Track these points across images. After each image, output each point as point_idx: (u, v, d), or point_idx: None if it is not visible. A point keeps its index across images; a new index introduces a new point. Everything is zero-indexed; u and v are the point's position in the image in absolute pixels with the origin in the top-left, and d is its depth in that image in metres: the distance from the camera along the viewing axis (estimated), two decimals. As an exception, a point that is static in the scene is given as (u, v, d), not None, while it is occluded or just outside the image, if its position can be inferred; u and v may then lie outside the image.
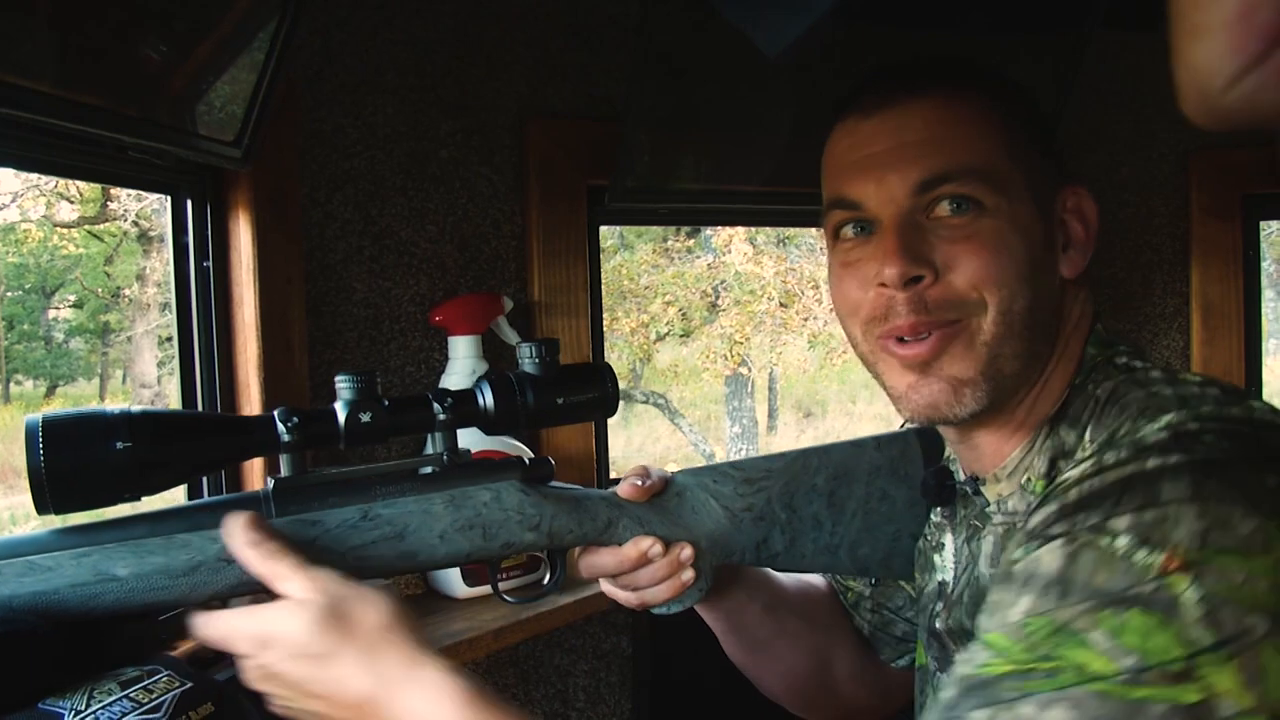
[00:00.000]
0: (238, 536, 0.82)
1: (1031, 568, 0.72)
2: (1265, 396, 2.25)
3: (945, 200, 0.86)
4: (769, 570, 1.17)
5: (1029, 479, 0.91)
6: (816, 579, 1.24)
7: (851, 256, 0.92)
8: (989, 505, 0.96)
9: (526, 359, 0.97)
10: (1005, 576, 0.75)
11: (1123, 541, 0.68)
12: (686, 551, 1.01)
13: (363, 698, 0.78)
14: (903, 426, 1.17)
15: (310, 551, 0.89)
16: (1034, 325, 0.87)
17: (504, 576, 1.04)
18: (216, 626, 0.82)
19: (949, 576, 1.03)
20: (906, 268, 0.85)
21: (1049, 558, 0.71)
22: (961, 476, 1.01)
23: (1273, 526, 0.67)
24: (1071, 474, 0.76)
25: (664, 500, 1.04)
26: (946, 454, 1.09)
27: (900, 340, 0.88)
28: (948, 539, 1.04)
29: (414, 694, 0.77)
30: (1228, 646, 0.64)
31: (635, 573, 1.01)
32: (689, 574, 1.01)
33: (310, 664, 0.79)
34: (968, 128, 0.87)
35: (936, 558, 1.06)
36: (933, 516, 1.07)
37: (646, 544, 1.00)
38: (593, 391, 0.99)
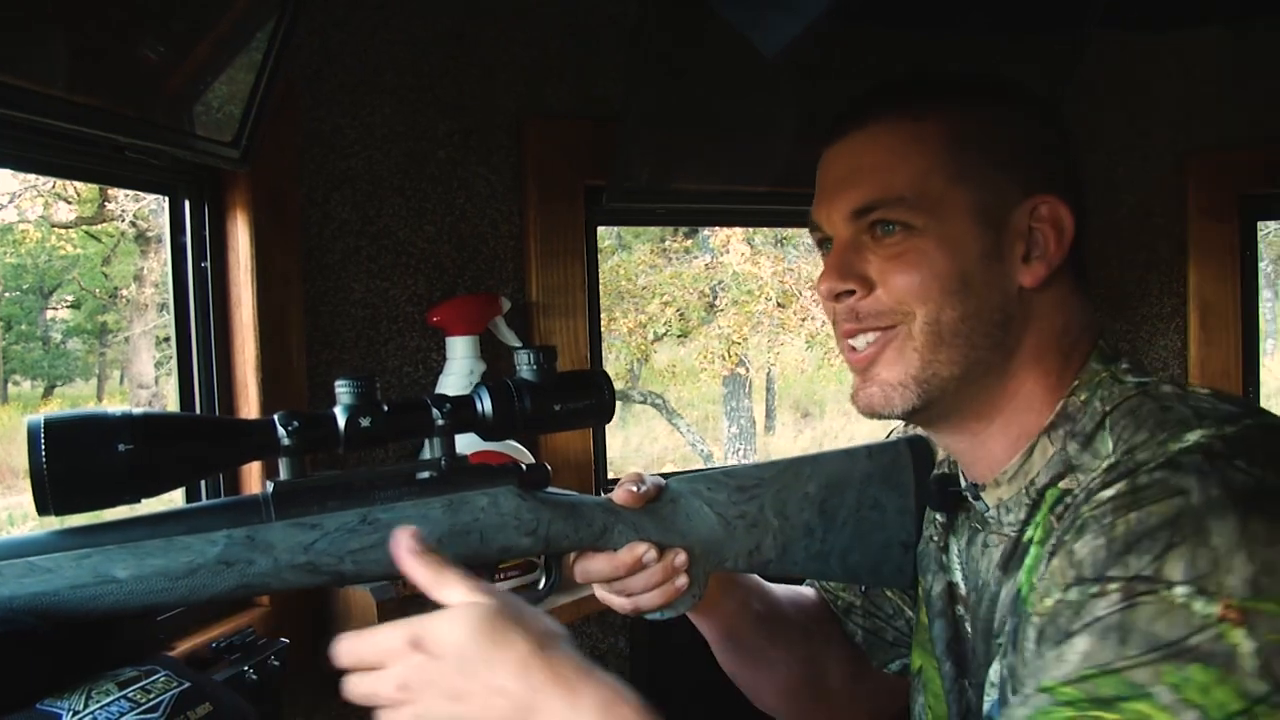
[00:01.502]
0: (403, 544, 0.83)
1: (1089, 613, 0.74)
2: (1263, 396, 2.26)
3: (877, 225, 0.93)
4: (761, 579, 1.18)
5: (1031, 486, 0.92)
6: (806, 589, 1.25)
7: (822, 270, 1.00)
8: (989, 510, 0.97)
9: (524, 365, 0.98)
10: (1059, 616, 0.77)
11: (1180, 591, 0.70)
12: (680, 557, 1.02)
13: (514, 710, 0.74)
14: (889, 435, 1.19)
15: (308, 555, 0.89)
16: (972, 334, 0.91)
17: (501, 576, 1.04)
18: (365, 641, 0.79)
19: (958, 578, 1.04)
20: (834, 284, 0.95)
21: (1106, 603, 0.73)
22: (964, 482, 1.01)
23: None
24: (1103, 494, 0.78)
25: (658, 506, 1.04)
26: (939, 460, 1.11)
27: (851, 347, 0.97)
28: (952, 540, 1.05)
29: (567, 709, 0.75)
30: None
31: (629, 578, 1.02)
32: (682, 580, 1.02)
33: (465, 670, 0.75)
34: (903, 154, 0.93)
35: (944, 558, 1.06)
36: (937, 518, 1.08)
37: (641, 550, 1.00)
38: (589, 399, 1.00)
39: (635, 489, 1.02)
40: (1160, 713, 0.68)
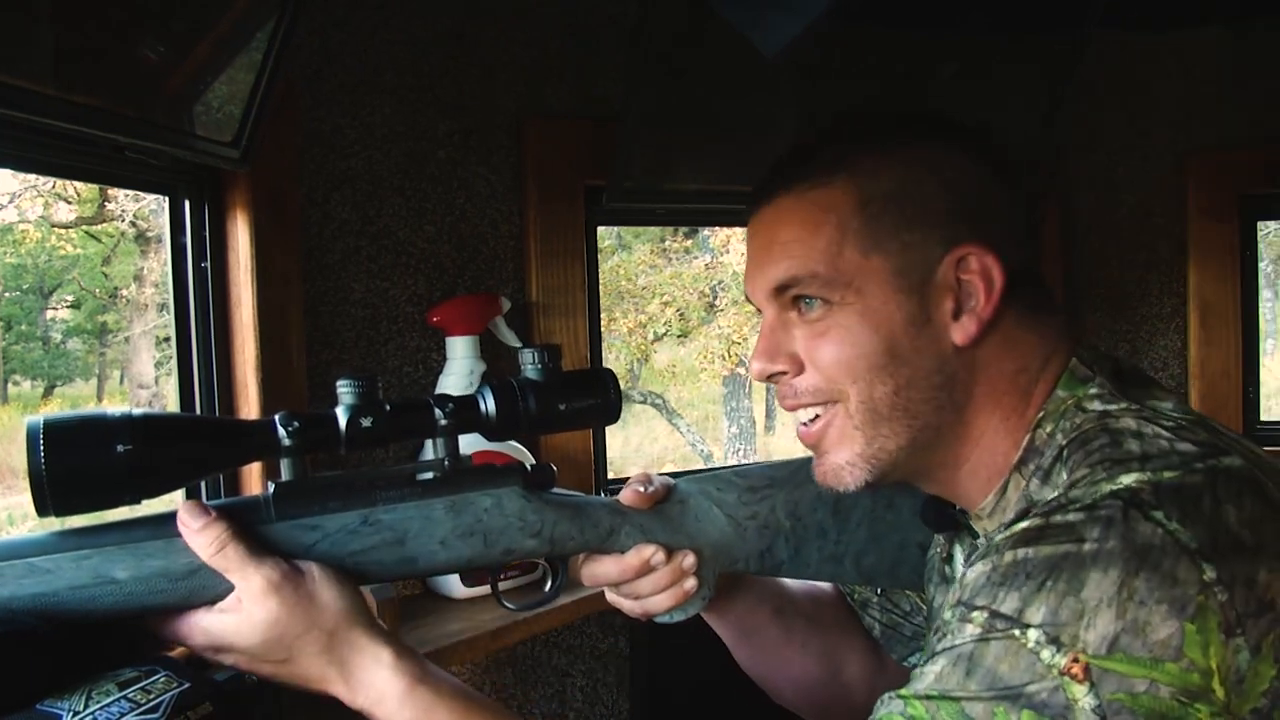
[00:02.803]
0: (185, 525, 0.85)
1: (953, 636, 0.75)
2: (1263, 396, 2.26)
3: (798, 301, 0.91)
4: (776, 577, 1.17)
5: (1004, 525, 0.89)
6: (824, 583, 1.23)
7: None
8: (979, 538, 0.96)
9: (529, 364, 0.97)
10: (937, 631, 0.79)
11: (1033, 635, 0.70)
12: (689, 560, 1.01)
13: (328, 686, 0.88)
14: None
15: (309, 556, 0.89)
16: (910, 403, 0.88)
17: (503, 577, 1.04)
18: (173, 627, 0.87)
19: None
20: (763, 367, 0.93)
21: (968, 631, 0.74)
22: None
23: (1192, 630, 0.68)
24: (1018, 526, 0.77)
25: (667, 508, 1.03)
26: None
27: (800, 421, 0.94)
28: (957, 549, 1.04)
29: (374, 680, 0.88)
30: None
31: (637, 581, 1.01)
32: (691, 583, 1.01)
33: (271, 666, 0.88)
34: (813, 228, 0.89)
35: (948, 569, 1.05)
36: None
37: (649, 552, 1.00)
38: (594, 398, 0.99)
39: (643, 489, 1.01)
40: None
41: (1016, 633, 0.71)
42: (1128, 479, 0.76)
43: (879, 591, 1.18)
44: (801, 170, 0.92)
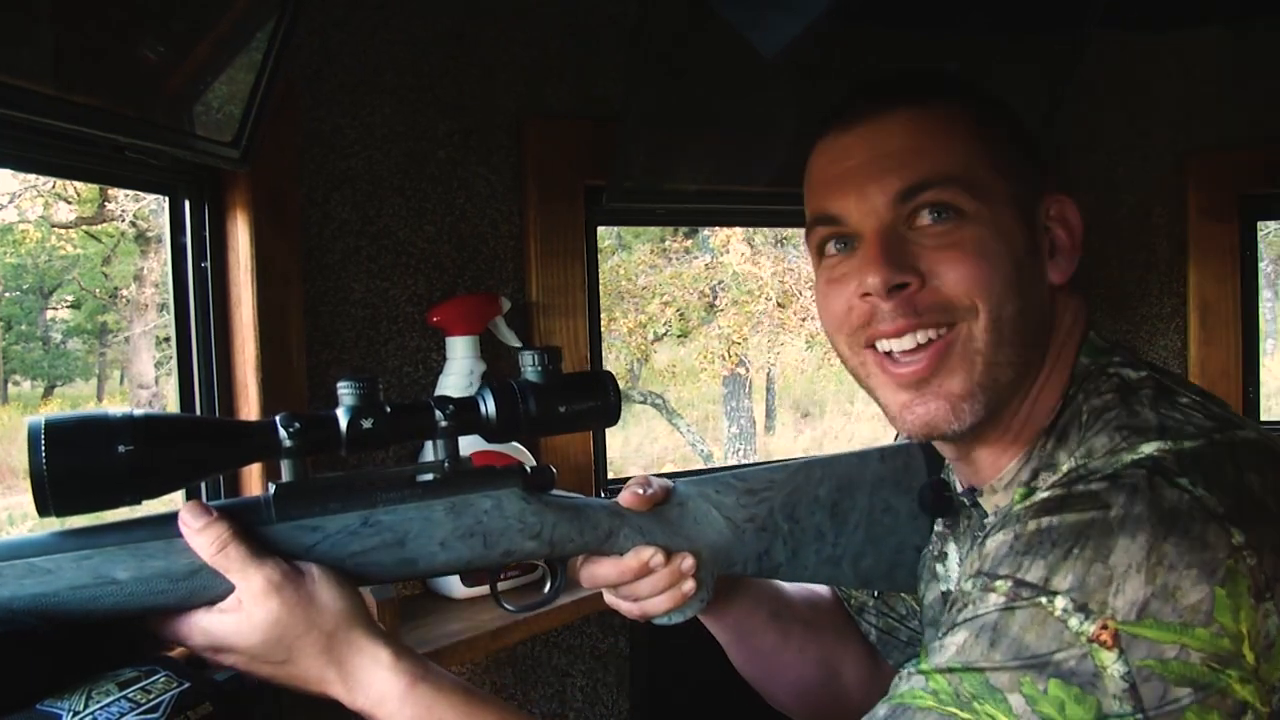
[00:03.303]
0: (187, 525, 0.85)
1: (975, 607, 0.74)
2: (1263, 396, 2.26)
3: (926, 209, 0.86)
4: (773, 579, 1.17)
5: (1016, 491, 0.90)
6: (822, 587, 1.23)
7: (836, 273, 0.92)
8: (987, 517, 0.95)
9: (529, 367, 0.97)
10: (955, 603, 0.78)
11: (1060, 603, 0.70)
12: (688, 562, 1.01)
13: (327, 688, 0.88)
14: (897, 438, 1.18)
15: (310, 557, 0.89)
16: (1025, 332, 0.87)
17: (502, 576, 1.04)
18: (173, 628, 0.87)
19: (953, 586, 1.03)
20: (890, 275, 0.85)
21: (991, 601, 0.73)
22: (959, 488, 1.01)
23: (1223, 595, 0.68)
24: (1038, 496, 0.77)
25: (666, 510, 1.03)
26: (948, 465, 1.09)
27: (890, 356, 0.88)
28: (951, 548, 1.04)
29: (373, 681, 0.87)
30: (1146, 716, 0.67)
31: (636, 583, 1.01)
32: (690, 584, 1.01)
33: (270, 668, 0.88)
34: (945, 137, 0.87)
35: (939, 567, 1.05)
36: (936, 526, 1.07)
37: (648, 554, 1.00)
38: (594, 400, 0.99)
39: (642, 492, 1.01)
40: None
41: (1043, 600, 0.70)
42: (1148, 448, 0.76)
43: (875, 595, 1.18)
44: (916, 87, 0.91)
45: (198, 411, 1.41)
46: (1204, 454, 0.75)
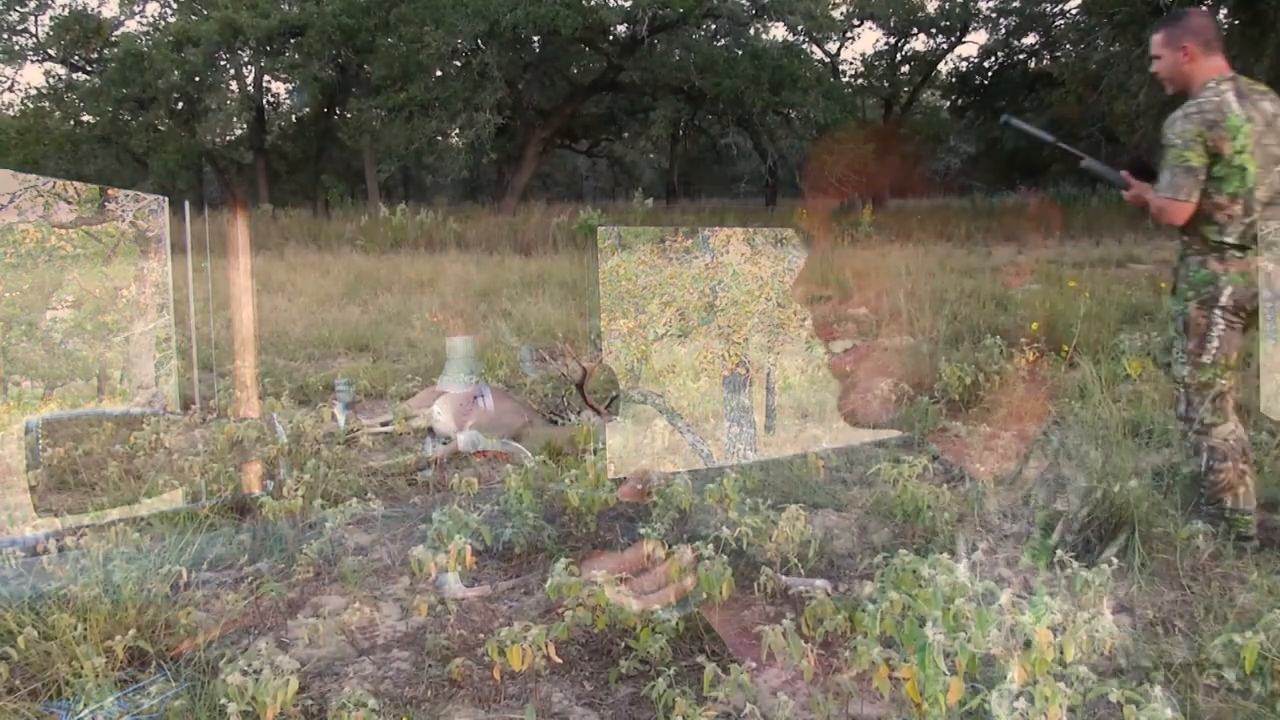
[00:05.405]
0: None
1: None
2: (1263, 396, 2.23)
3: None
4: None
5: None
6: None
7: None
8: None
9: (527, 363, 0.97)
10: None
11: None
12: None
13: None
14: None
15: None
16: None
17: (502, 577, 1.04)
18: None
19: None
20: None
21: None
22: None
23: None
24: None
25: None
26: None
27: None
28: None
29: None
30: None
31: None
32: None
33: None
34: None
35: None
36: None
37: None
38: (594, 399, 0.99)
39: (640, 486, 1.01)
40: None
41: None
42: None
43: None
44: None
45: (196, 411, 1.40)
46: None
